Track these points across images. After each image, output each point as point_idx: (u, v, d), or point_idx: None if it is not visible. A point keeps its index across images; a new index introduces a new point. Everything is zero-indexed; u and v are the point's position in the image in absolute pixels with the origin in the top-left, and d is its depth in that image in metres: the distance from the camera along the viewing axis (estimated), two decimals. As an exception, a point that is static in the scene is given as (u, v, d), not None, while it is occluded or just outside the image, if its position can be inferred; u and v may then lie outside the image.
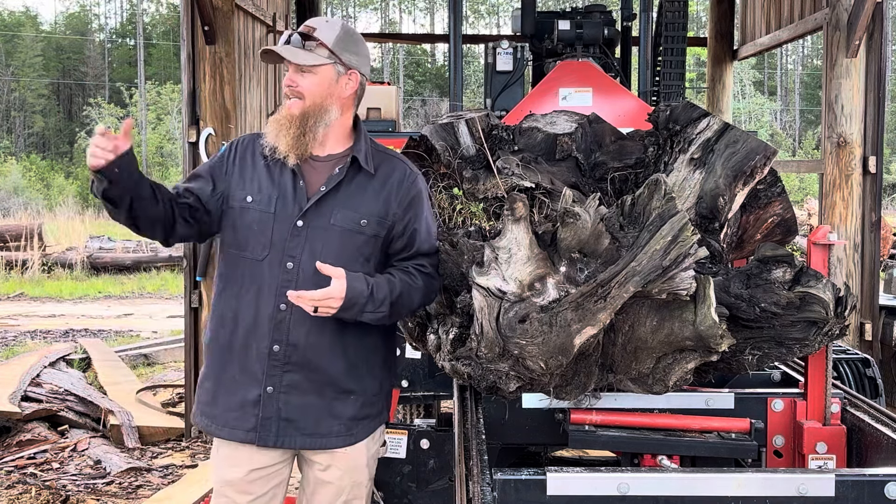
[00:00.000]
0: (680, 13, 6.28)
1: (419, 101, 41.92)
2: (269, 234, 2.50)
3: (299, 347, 2.49)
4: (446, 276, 2.58)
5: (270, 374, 2.49)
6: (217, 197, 2.57)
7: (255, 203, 2.53)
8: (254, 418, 2.50)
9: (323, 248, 2.48)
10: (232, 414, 2.52)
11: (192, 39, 5.94)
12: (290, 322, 2.48)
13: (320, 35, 2.51)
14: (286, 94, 2.51)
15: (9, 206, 26.09)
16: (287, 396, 2.50)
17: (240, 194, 2.55)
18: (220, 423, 2.55)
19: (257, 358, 2.50)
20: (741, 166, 2.78)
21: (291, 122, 2.50)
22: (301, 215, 2.49)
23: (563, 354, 2.29)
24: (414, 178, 2.62)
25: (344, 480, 2.59)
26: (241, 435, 2.52)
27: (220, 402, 2.55)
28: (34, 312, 12.33)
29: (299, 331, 2.49)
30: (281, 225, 2.49)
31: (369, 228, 2.52)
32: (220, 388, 2.55)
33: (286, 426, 2.51)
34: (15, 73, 43.48)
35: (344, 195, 2.53)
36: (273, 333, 2.49)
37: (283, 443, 2.52)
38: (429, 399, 3.82)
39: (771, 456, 2.71)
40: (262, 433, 2.50)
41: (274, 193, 2.52)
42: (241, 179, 2.56)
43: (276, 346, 2.49)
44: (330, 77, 2.53)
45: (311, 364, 2.50)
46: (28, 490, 4.92)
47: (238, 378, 2.52)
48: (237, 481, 2.54)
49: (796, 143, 38.29)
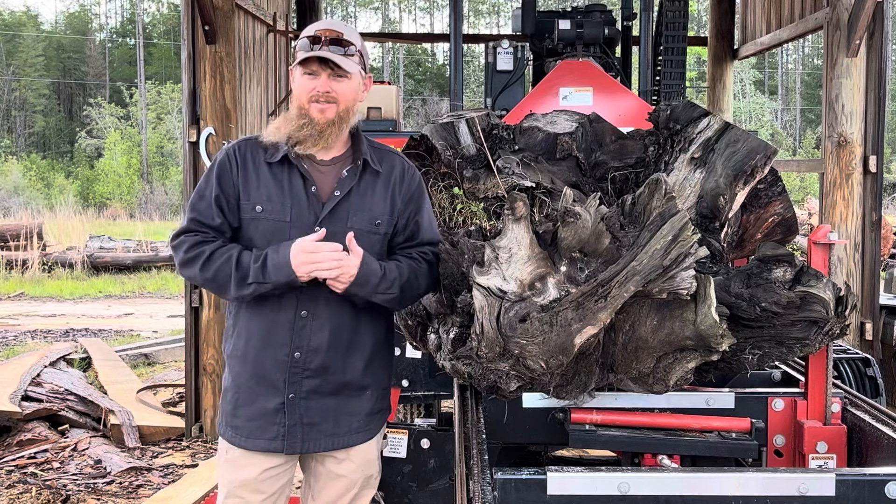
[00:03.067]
0: (680, 13, 6.29)
1: (419, 100, 41.92)
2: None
3: (320, 352, 2.50)
4: (447, 276, 2.58)
5: (291, 381, 2.50)
6: (232, 213, 2.53)
7: (267, 212, 2.50)
8: (276, 426, 2.51)
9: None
10: (254, 423, 2.52)
11: (193, 39, 5.94)
12: (312, 328, 2.49)
13: (352, 39, 2.51)
14: (317, 99, 2.47)
15: (9, 205, 26.11)
16: (307, 402, 2.51)
17: (247, 204, 2.52)
18: (243, 434, 2.54)
19: (277, 366, 2.50)
20: (742, 166, 2.78)
21: (328, 126, 2.49)
22: (319, 221, 2.49)
23: (564, 354, 2.29)
24: (413, 170, 2.67)
25: (357, 474, 2.63)
26: (265, 444, 2.52)
27: (240, 412, 2.55)
28: (34, 312, 12.33)
29: (321, 335, 2.50)
30: (299, 232, 2.47)
31: (382, 227, 2.56)
32: (239, 398, 2.55)
33: (309, 430, 2.52)
34: (16, 73, 43.50)
35: (356, 197, 2.54)
36: (294, 340, 2.49)
37: (309, 447, 2.54)
38: (429, 399, 3.81)
39: (771, 455, 2.71)
40: (289, 441, 2.51)
41: (287, 201, 2.50)
42: (247, 188, 2.52)
43: (296, 352, 2.49)
44: (358, 83, 2.55)
45: (330, 367, 2.52)
46: (28, 490, 4.92)
47: (255, 388, 2.52)
48: (251, 481, 2.54)
49: (797, 142, 38.28)
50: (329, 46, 2.47)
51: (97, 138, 37.91)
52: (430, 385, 3.67)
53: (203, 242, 2.48)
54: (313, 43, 2.48)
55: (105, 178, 34.44)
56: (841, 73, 6.10)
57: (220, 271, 2.44)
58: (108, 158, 35.03)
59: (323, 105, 2.48)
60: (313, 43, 2.48)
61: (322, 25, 2.52)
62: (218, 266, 2.44)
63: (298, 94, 2.51)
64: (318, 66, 2.48)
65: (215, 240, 2.50)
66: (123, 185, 33.59)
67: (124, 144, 35.35)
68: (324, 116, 2.48)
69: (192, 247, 2.48)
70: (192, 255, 2.47)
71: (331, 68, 2.48)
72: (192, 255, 2.47)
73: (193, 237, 2.50)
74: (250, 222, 2.51)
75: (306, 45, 2.49)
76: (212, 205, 2.51)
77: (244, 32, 6.81)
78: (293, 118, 2.52)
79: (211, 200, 2.51)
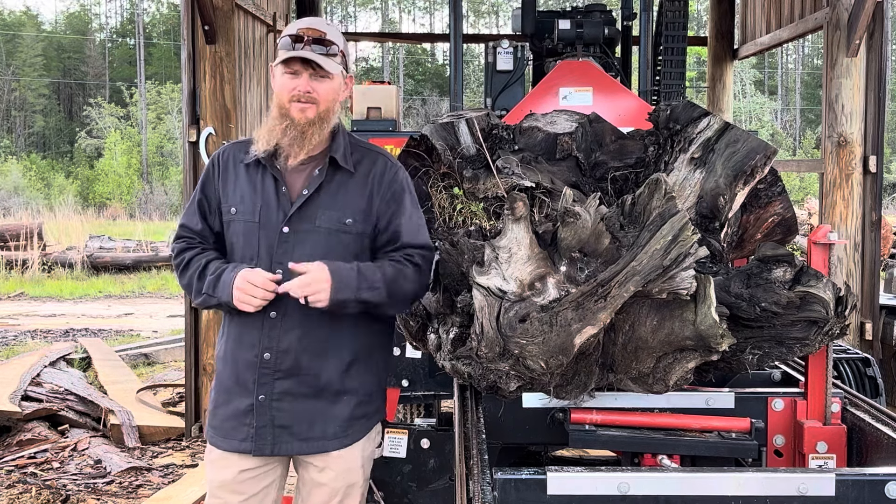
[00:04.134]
0: (680, 12, 6.28)
1: (419, 100, 41.92)
2: (256, 243, 2.50)
3: (291, 353, 2.48)
4: (446, 276, 2.58)
5: (261, 382, 2.49)
6: (213, 217, 2.61)
7: (240, 214, 2.53)
8: (246, 428, 2.50)
9: (311, 252, 2.47)
10: (228, 423, 2.54)
11: (193, 39, 5.94)
12: (282, 328, 2.48)
13: (335, 39, 2.50)
14: (297, 99, 2.46)
15: (9, 205, 26.11)
16: (279, 403, 2.50)
17: (225, 206, 2.56)
18: (220, 434, 2.56)
19: (247, 367, 2.50)
20: (741, 166, 2.78)
21: (308, 126, 2.48)
22: (286, 221, 2.49)
23: (564, 354, 2.29)
24: (395, 170, 2.61)
25: (338, 482, 2.59)
26: (237, 445, 2.53)
27: (218, 412, 2.57)
28: (34, 312, 12.33)
29: (290, 336, 2.48)
30: (267, 233, 2.49)
31: (355, 226, 2.52)
32: (218, 398, 2.58)
33: (281, 433, 2.51)
34: (15, 73, 43.49)
35: (326, 196, 2.52)
36: (263, 341, 2.48)
37: (279, 450, 2.53)
38: (429, 399, 3.81)
39: (771, 455, 2.71)
40: (258, 443, 2.51)
41: (258, 202, 2.51)
42: (225, 191, 2.57)
43: (266, 353, 2.48)
44: (339, 83, 2.54)
45: (302, 369, 2.50)
46: (28, 489, 4.91)
47: (231, 388, 2.54)
48: (229, 482, 2.55)
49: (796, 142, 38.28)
50: (311, 46, 2.45)
51: (97, 138, 37.91)
52: (430, 385, 3.67)
53: (187, 249, 2.58)
54: (295, 42, 2.46)
55: (105, 178, 34.44)
56: (841, 73, 6.10)
57: (192, 278, 2.53)
58: (108, 158, 35.04)
59: (304, 105, 2.47)
60: (295, 42, 2.46)
61: (305, 24, 2.49)
62: (190, 273, 2.53)
63: (279, 93, 2.50)
64: (299, 66, 2.47)
65: (197, 247, 2.57)
66: (123, 185, 33.60)
67: (124, 144, 35.35)
68: (304, 116, 2.47)
69: (178, 254, 2.59)
70: (177, 262, 2.59)
71: (312, 68, 2.46)
72: (176, 262, 2.59)
73: (181, 244, 2.60)
74: (229, 224, 2.56)
75: (288, 44, 2.47)
76: (195, 211, 2.60)
77: (244, 32, 6.81)
78: (275, 120, 2.51)
79: (195, 206, 2.61)
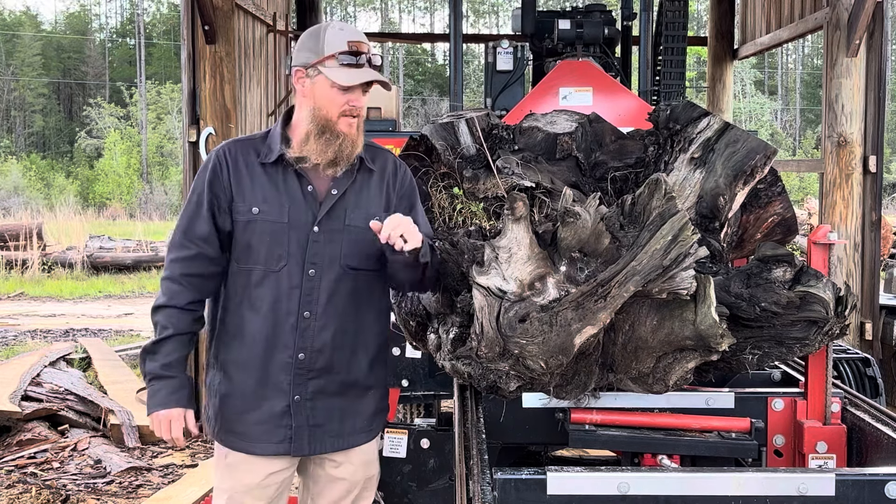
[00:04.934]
0: (680, 12, 6.29)
1: (419, 100, 41.91)
2: (286, 243, 2.47)
3: (324, 352, 2.50)
4: (446, 276, 2.58)
5: (296, 382, 2.49)
6: (223, 217, 2.50)
7: (264, 214, 2.47)
8: (284, 429, 2.50)
9: (342, 250, 2.50)
10: (260, 427, 2.51)
11: (193, 39, 5.94)
12: (315, 328, 2.48)
13: (374, 52, 2.51)
14: (348, 113, 2.45)
15: (9, 205, 26.10)
16: (313, 402, 2.51)
17: (243, 207, 2.48)
18: (247, 439, 2.52)
19: (281, 368, 2.49)
20: (741, 166, 2.78)
21: (357, 138, 2.49)
22: (317, 221, 2.49)
23: (564, 354, 2.29)
24: (404, 167, 2.69)
25: (357, 475, 2.62)
26: (273, 448, 2.51)
27: (244, 418, 2.52)
28: (34, 312, 12.33)
29: (324, 335, 2.49)
30: (297, 233, 2.47)
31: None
32: (239, 405, 2.53)
33: (315, 431, 2.52)
34: (15, 73, 43.48)
35: (352, 195, 2.54)
36: (297, 342, 2.48)
37: (314, 449, 2.53)
38: (429, 399, 3.81)
39: (771, 455, 2.71)
40: (296, 443, 2.51)
41: (285, 202, 2.48)
42: (241, 190, 2.49)
43: (300, 354, 2.48)
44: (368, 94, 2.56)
45: (334, 367, 2.52)
46: (28, 489, 4.91)
47: (259, 392, 2.50)
48: (254, 486, 2.53)
49: (796, 142, 38.28)
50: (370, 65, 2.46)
51: (97, 138, 37.90)
52: (430, 385, 3.67)
53: (181, 292, 2.48)
54: (355, 56, 2.43)
55: (105, 178, 34.43)
56: (841, 73, 6.10)
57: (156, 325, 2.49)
58: (108, 158, 35.02)
59: (352, 119, 2.47)
60: (355, 56, 2.43)
61: (355, 37, 2.46)
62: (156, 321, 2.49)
63: (326, 107, 2.44)
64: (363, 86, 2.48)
65: (187, 287, 2.47)
66: (123, 185, 33.59)
67: (124, 144, 35.34)
68: (352, 130, 2.48)
69: (169, 285, 2.49)
70: (163, 289, 2.51)
71: (367, 85, 2.47)
72: (162, 290, 2.51)
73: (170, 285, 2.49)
74: (246, 225, 2.48)
75: (350, 59, 2.42)
76: (203, 213, 2.48)
77: (244, 32, 6.81)
78: (316, 132, 2.45)
79: (203, 207, 2.49)
